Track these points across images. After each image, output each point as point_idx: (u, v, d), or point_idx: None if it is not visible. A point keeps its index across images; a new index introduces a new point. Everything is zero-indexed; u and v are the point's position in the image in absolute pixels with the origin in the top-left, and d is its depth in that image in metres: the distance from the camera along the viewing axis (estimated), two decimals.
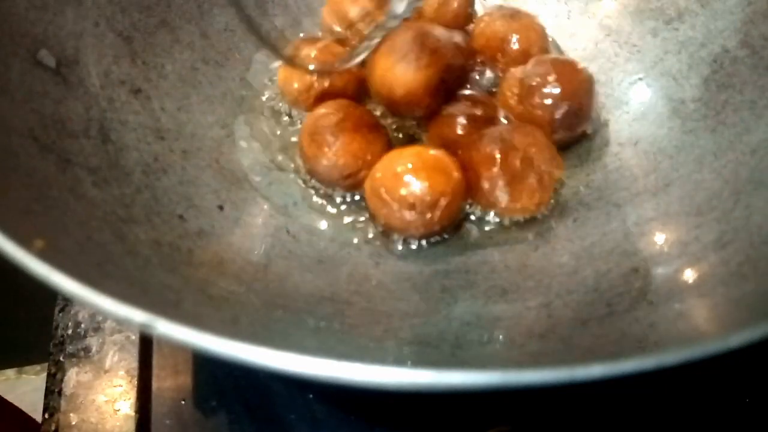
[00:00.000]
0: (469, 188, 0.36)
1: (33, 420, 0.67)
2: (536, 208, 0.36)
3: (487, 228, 0.36)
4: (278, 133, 0.40)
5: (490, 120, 0.38)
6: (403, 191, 0.34)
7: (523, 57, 0.40)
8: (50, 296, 0.42)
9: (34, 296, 0.36)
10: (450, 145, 0.37)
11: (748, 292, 0.28)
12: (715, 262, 0.31)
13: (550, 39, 0.43)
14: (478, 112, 0.38)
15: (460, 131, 0.38)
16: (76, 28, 0.37)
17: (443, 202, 0.34)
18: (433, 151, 0.35)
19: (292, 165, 0.39)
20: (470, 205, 0.37)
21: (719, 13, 0.39)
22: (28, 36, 0.34)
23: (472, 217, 0.37)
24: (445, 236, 0.36)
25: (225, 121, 0.40)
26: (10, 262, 0.23)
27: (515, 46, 0.41)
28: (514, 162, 0.35)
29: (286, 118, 0.41)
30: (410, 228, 0.34)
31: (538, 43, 0.41)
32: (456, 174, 0.35)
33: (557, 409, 0.36)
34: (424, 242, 0.36)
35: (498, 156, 0.35)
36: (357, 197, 0.38)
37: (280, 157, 0.39)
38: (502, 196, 0.35)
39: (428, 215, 0.34)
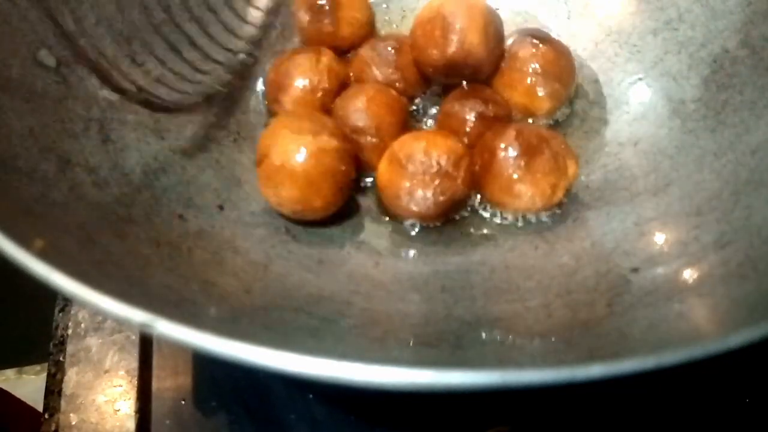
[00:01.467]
0: (480, 178, 0.36)
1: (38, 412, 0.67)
2: (551, 196, 0.35)
3: (486, 228, 0.36)
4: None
5: (500, 119, 0.38)
6: (425, 154, 0.35)
7: None
8: (50, 296, 0.42)
9: (34, 296, 0.36)
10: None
11: (747, 292, 0.28)
12: (715, 262, 0.31)
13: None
14: (490, 111, 0.38)
15: (469, 129, 0.38)
16: (76, 28, 0.37)
17: (465, 162, 0.35)
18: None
19: None
20: (479, 203, 0.37)
21: (719, 13, 0.39)
22: (28, 36, 0.34)
23: (472, 217, 0.37)
24: (457, 217, 0.37)
25: (225, 120, 0.40)
26: (11, 262, 0.23)
27: None
28: (530, 142, 0.35)
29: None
30: (434, 194, 0.35)
31: None
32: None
33: (557, 409, 0.36)
34: (427, 238, 0.36)
35: (514, 138, 0.35)
36: (358, 197, 0.38)
37: None
38: (517, 174, 0.35)
39: (453, 175, 0.35)
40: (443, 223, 0.36)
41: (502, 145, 0.35)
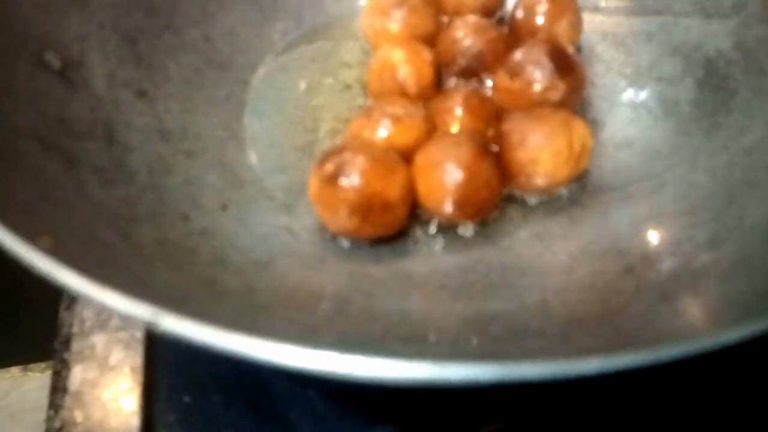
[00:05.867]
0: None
1: None
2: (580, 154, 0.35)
3: (483, 228, 0.36)
4: (280, 133, 0.41)
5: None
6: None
7: None
8: (56, 294, 0.42)
9: (39, 295, 0.36)
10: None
11: (741, 291, 0.28)
12: (709, 262, 0.31)
13: None
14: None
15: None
16: (81, 30, 0.37)
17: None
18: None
19: (296, 165, 0.39)
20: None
21: (713, 15, 0.40)
22: (33, 38, 0.35)
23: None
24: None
25: (229, 122, 0.40)
26: (17, 260, 0.23)
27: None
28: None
29: (289, 120, 0.41)
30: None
31: None
32: None
33: (549, 407, 0.36)
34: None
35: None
36: None
37: (283, 158, 0.40)
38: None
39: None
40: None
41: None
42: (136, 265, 0.29)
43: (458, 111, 0.38)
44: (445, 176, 0.34)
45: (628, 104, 0.41)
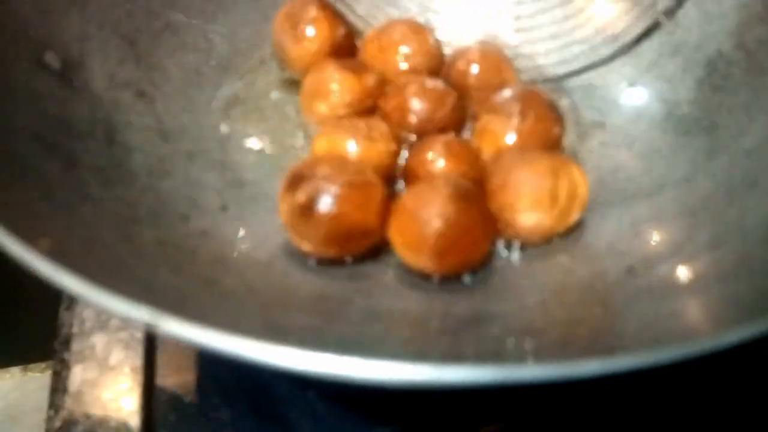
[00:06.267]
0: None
1: None
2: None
3: None
4: (282, 134, 0.41)
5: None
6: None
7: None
8: (56, 295, 0.42)
9: (39, 295, 0.36)
10: None
11: (741, 292, 0.28)
12: (709, 262, 0.31)
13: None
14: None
15: None
16: (81, 30, 0.37)
17: None
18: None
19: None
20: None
21: (714, 16, 0.39)
22: (33, 38, 0.35)
23: None
24: None
25: (229, 123, 0.40)
26: (16, 261, 0.23)
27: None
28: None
29: (290, 121, 0.41)
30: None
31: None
32: None
33: (549, 407, 0.36)
34: None
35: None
36: None
37: (283, 158, 0.40)
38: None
39: None
40: None
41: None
42: (136, 266, 0.29)
43: (439, 158, 0.35)
44: (424, 238, 0.31)
45: (628, 104, 0.41)
